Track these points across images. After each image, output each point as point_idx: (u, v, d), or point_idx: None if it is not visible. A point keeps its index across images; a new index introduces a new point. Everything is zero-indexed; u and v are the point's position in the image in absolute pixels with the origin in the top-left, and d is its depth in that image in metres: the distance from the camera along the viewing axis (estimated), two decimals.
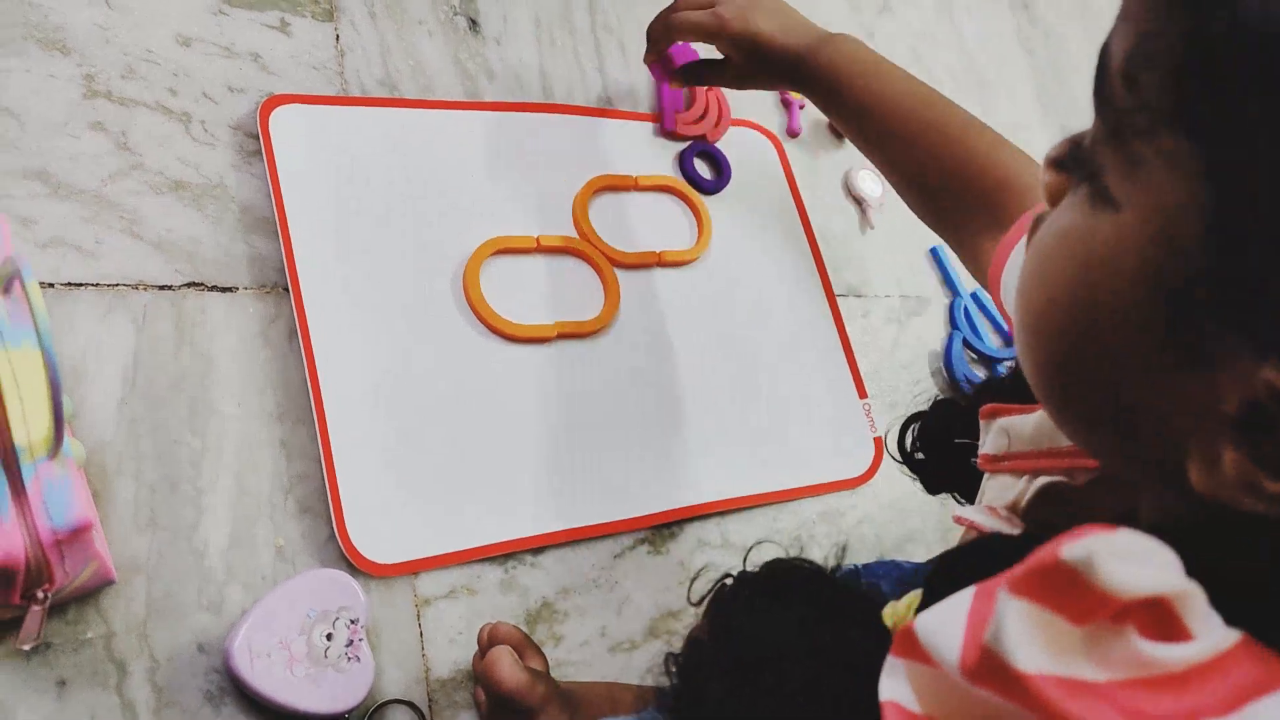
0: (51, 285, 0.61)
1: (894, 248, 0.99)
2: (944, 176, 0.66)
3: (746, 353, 0.84)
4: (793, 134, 0.98)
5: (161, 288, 0.64)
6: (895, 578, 0.69)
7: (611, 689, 0.62)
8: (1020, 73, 1.24)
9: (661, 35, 0.78)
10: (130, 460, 0.59)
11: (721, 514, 0.78)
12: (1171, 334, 0.28)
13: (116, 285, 0.63)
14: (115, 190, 0.65)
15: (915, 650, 0.28)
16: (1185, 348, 0.27)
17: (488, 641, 0.61)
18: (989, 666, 0.26)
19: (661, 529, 0.75)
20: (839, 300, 0.92)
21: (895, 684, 0.29)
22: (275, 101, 0.71)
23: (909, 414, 0.54)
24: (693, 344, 0.82)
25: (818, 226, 0.94)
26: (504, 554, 0.68)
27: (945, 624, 0.27)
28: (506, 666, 0.58)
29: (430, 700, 0.62)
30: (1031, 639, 0.25)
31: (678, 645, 0.41)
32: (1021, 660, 0.25)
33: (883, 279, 0.97)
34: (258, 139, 0.70)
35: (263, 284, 0.67)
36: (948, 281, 1.01)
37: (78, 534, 0.47)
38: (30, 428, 0.46)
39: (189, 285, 0.65)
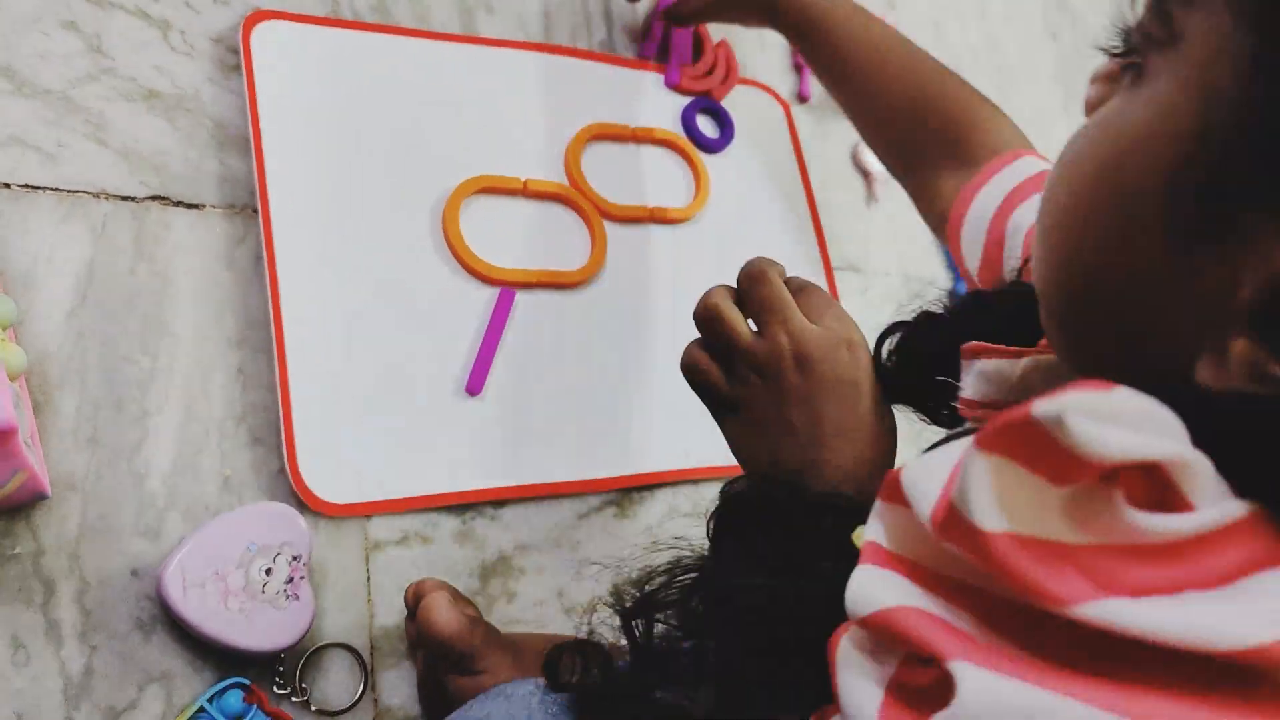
0: (8, 186, 0.58)
1: (898, 225, 0.96)
2: (912, 109, 0.65)
3: None
4: (803, 99, 0.94)
5: (124, 198, 0.61)
6: None
7: (553, 638, 0.59)
8: (1044, 57, 1.20)
9: None
10: (75, 374, 0.57)
11: (695, 481, 0.75)
12: (1197, 215, 0.28)
13: (76, 192, 0.60)
14: (83, 94, 0.62)
15: (897, 495, 0.28)
16: (1209, 230, 0.27)
17: (415, 597, 0.58)
18: (953, 521, 0.25)
19: (631, 492, 0.73)
20: (836, 273, 0.89)
21: (876, 525, 0.29)
22: (260, 16, 0.68)
23: (893, 321, 0.50)
24: (679, 305, 0.79)
25: (821, 197, 0.91)
26: (463, 504, 0.65)
27: (927, 475, 0.27)
28: (443, 610, 0.55)
29: (372, 647, 0.60)
30: (997, 497, 0.25)
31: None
32: (981, 517, 0.24)
33: (884, 256, 0.94)
34: (238, 54, 0.67)
35: (231, 204, 0.65)
36: (951, 265, 0.98)
37: (1, 438, 0.45)
38: None
39: (153, 198, 0.62)
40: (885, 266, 0.93)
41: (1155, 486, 0.24)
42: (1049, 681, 0.23)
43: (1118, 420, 0.24)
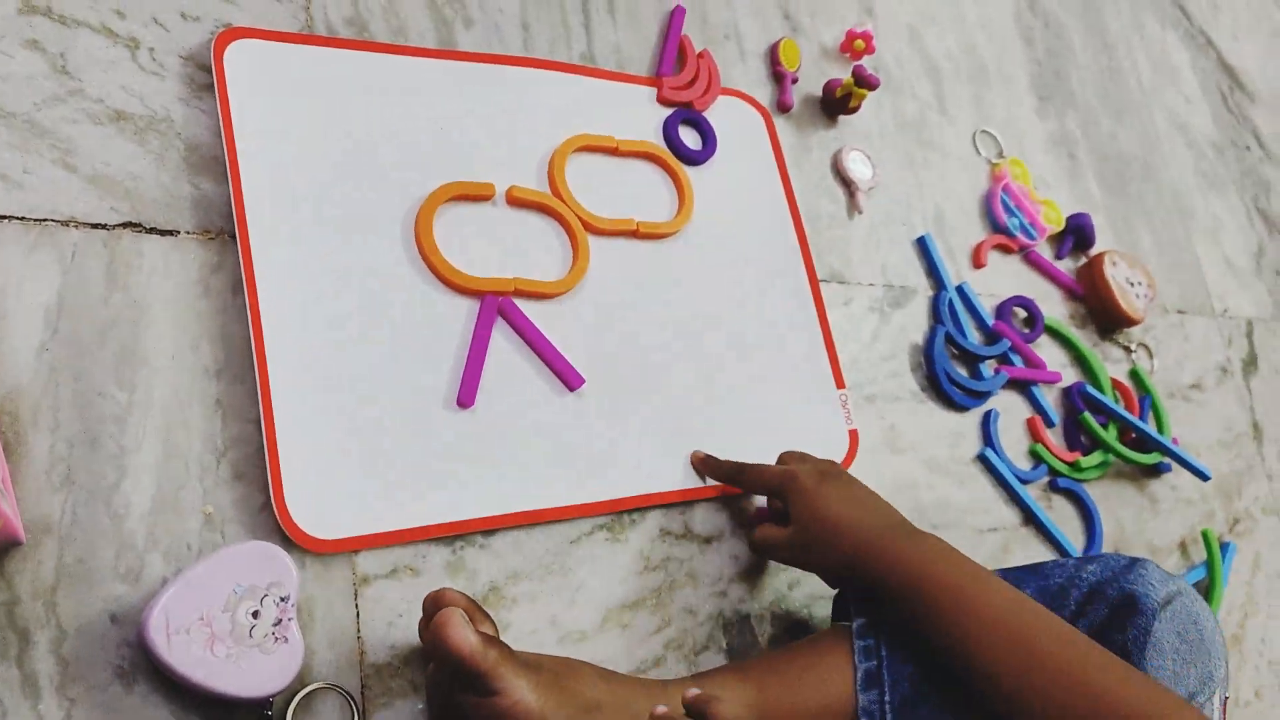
0: None
1: (881, 234, 0.96)
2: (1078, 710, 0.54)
3: (720, 334, 0.80)
4: (784, 108, 0.93)
5: (94, 226, 0.59)
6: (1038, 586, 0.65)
7: (568, 660, 0.58)
8: (1019, 61, 1.20)
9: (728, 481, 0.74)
10: (48, 411, 0.54)
11: (687, 503, 0.74)
12: None
13: (44, 220, 0.58)
14: (49, 116, 0.59)
15: None
16: None
17: (433, 606, 0.57)
18: None
19: (622, 515, 0.71)
20: (820, 285, 0.88)
21: None
22: (232, 35, 0.66)
23: None
24: (664, 321, 0.78)
25: (804, 207, 0.90)
26: (452, 534, 0.64)
27: None
28: (458, 627, 0.52)
29: (364, 686, 0.58)
30: None
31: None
32: None
33: (867, 266, 0.93)
34: (210, 72, 0.65)
35: (207, 229, 0.62)
36: (934, 273, 0.97)
37: None
38: None
39: (125, 225, 0.60)
40: (869, 277, 0.93)
41: None
42: None
43: None
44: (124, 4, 0.64)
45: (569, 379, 0.71)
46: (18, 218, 0.57)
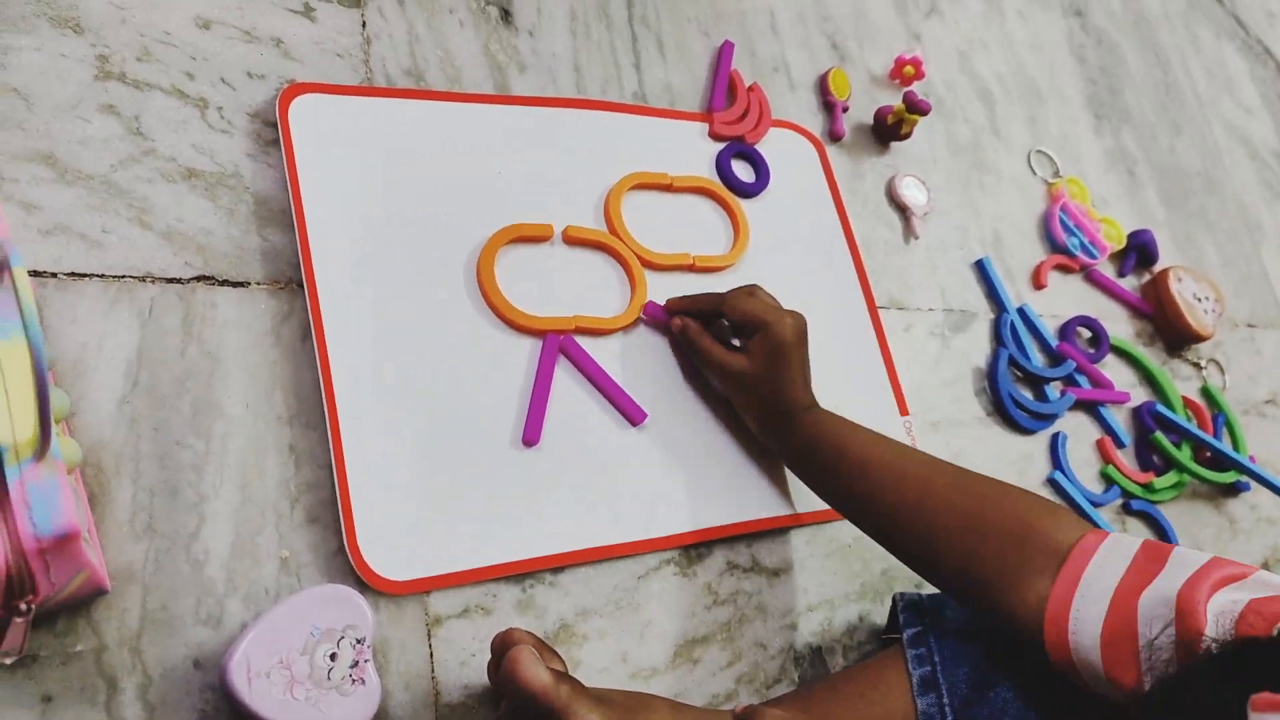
0: (54, 275, 0.58)
1: (938, 259, 0.95)
2: (962, 531, 0.62)
3: None
4: (835, 137, 0.94)
5: (169, 280, 0.61)
6: None
7: (639, 694, 0.58)
8: (1072, 80, 1.19)
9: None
10: (129, 462, 0.56)
11: (752, 536, 0.74)
12: None
13: (122, 277, 0.60)
14: (125, 177, 0.62)
15: None
16: None
17: (501, 646, 0.57)
18: None
19: (689, 550, 0.71)
20: (879, 312, 0.88)
21: None
22: (296, 90, 0.68)
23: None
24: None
25: (859, 234, 0.90)
26: (521, 573, 0.64)
27: None
28: (529, 665, 0.52)
29: None
30: None
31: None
32: None
33: (926, 291, 0.93)
34: (276, 128, 0.67)
35: (276, 279, 0.64)
36: (994, 295, 0.96)
37: (64, 543, 0.44)
38: (15, 427, 0.43)
39: (198, 279, 0.62)
40: (928, 302, 0.92)
41: None
42: None
43: None
44: (193, 66, 0.66)
45: (632, 414, 0.71)
46: (98, 275, 0.59)
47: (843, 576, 0.77)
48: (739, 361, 0.72)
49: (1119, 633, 0.53)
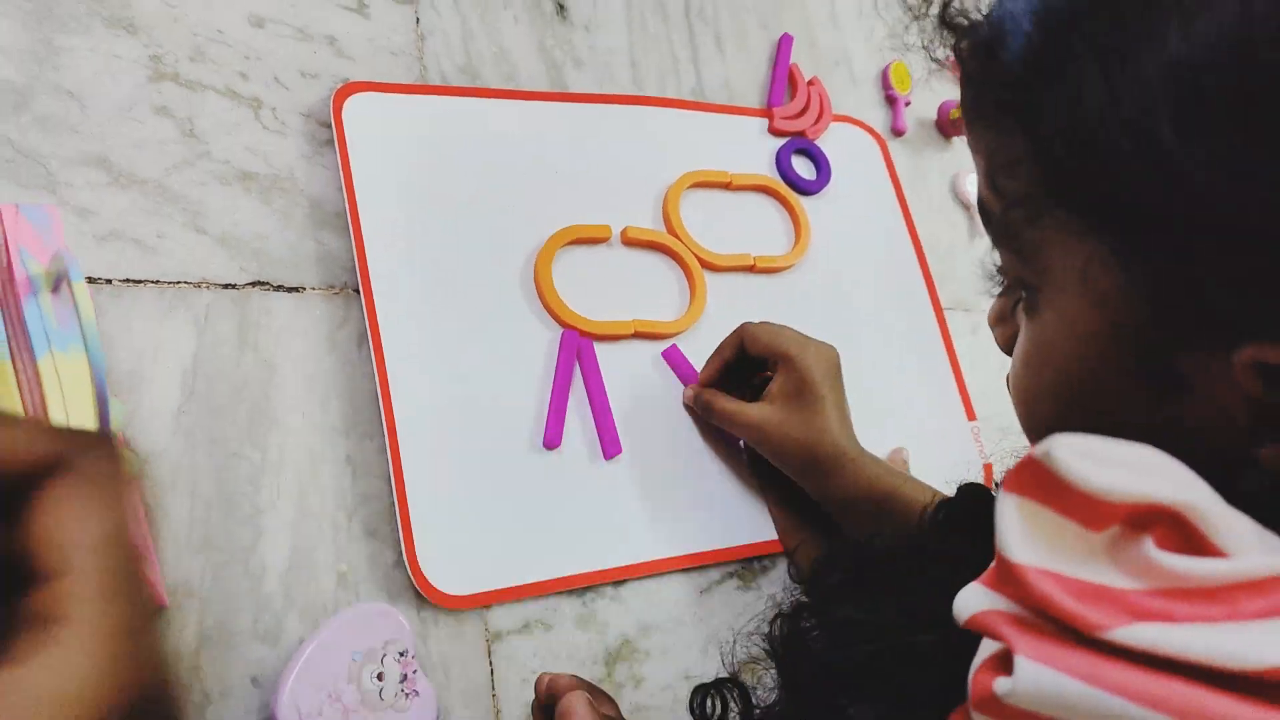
0: (109, 281, 0.56)
1: None
2: None
3: (844, 369, 0.77)
4: (898, 132, 0.91)
5: (225, 286, 0.59)
6: None
7: None
8: None
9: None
10: (186, 474, 0.55)
11: None
12: (1151, 376, 0.33)
13: (178, 283, 0.58)
14: (179, 180, 0.60)
15: None
16: (1170, 381, 0.33)
17: (546, 692, 0.55)
18: (1001, 566, 0.29)
19: (751, 562, 0.69)
20: (945, 313, 0.85)
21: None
22: (350, 89, 0.66)
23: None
24: None
25: (923, 233, 0.87)
26: (582, 586, 0.62)
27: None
28: (583, 714, 0.51)
29: None
30: (1024, 532, 0.28)
31: (764, 692, 0.48)
32: (1011, 551, 0.28)
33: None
34: (330, 128, 0.65)
35: (331, 284, 0.62)
36: None
37: None
38: None
39: (254, 284, 0.60)
40: None
41: (1181, 534, 0.27)
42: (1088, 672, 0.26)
43: (1112, 462, 0.28)
44: (246, 65, 0.65)
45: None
46: (153, 282, 0.58)
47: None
48: (755, 411, 0.65)
49: None
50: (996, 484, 0.47)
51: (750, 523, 0.69)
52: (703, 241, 0.75)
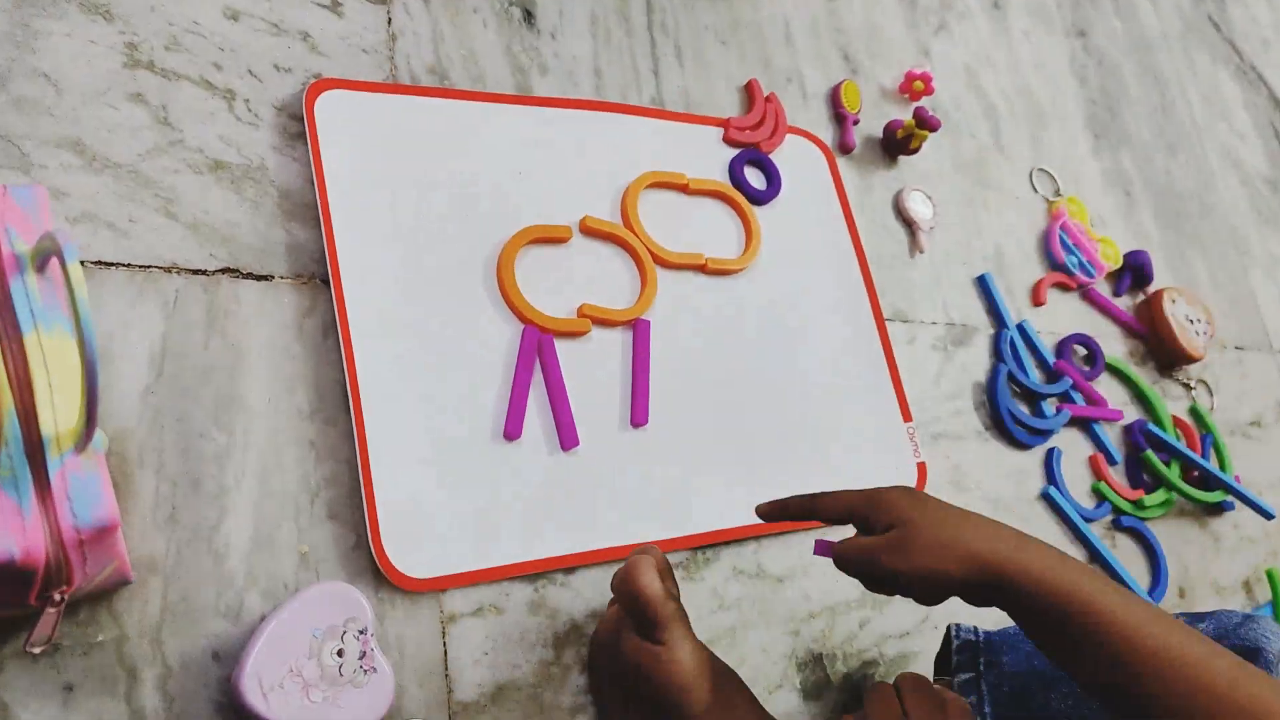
0: (81, 264, 0.57)
1: (942, 273, 0.96)
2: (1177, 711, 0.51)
3: (787, 370, 0.81)
4: (846, 149, 0.95)
5: (195, 272, 0.61)
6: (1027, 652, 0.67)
7: (730, 670, 0.62)
8: (1073, 100, 1.20)
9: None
10: (153, 452, 0.56)
11: (757, 539, 0.75)
12: None
13: (148, 267, 0.60)
14: (152, 166, 0.62)
15: None
16: None
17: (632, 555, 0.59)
18: None
19: (697, 553, 0.72)
20: (885, 323, 0.89)
21: None
22: (322, 85, 0.68)
23: None
24: (731, 356, 0.79)
25: (867, 246, 0.91)
26: (534, 573, 0.65)
27: None
28: (646, 572, 0.56)
29: None
30: None
31: None
32: None
33: (929, 305, 0.94)
34: (302, 122, 0.67)
35: (299, 274, 0.64)
36: (995, 311, 0.98)
37: (103, 534, 0.44)
38: (59, 418, 0.43)
39: (223, 271, 0.62)
40: (931, 315, 0.93)
41: None
42: None
43: None
44: (221, 57, 0.66)
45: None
46: (124, 265, 0.59)
47: (845, 583, 0.78)
48: (871, 542, 0.57)
49: None
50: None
51: (698, 514, 0.72)
52: (657, 238, 0.78)
